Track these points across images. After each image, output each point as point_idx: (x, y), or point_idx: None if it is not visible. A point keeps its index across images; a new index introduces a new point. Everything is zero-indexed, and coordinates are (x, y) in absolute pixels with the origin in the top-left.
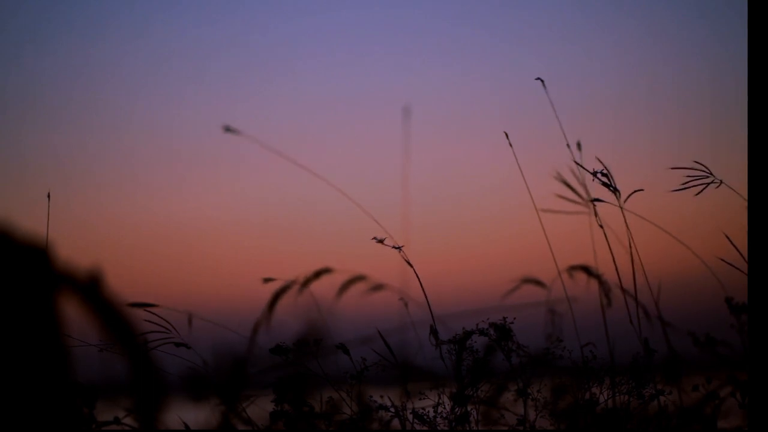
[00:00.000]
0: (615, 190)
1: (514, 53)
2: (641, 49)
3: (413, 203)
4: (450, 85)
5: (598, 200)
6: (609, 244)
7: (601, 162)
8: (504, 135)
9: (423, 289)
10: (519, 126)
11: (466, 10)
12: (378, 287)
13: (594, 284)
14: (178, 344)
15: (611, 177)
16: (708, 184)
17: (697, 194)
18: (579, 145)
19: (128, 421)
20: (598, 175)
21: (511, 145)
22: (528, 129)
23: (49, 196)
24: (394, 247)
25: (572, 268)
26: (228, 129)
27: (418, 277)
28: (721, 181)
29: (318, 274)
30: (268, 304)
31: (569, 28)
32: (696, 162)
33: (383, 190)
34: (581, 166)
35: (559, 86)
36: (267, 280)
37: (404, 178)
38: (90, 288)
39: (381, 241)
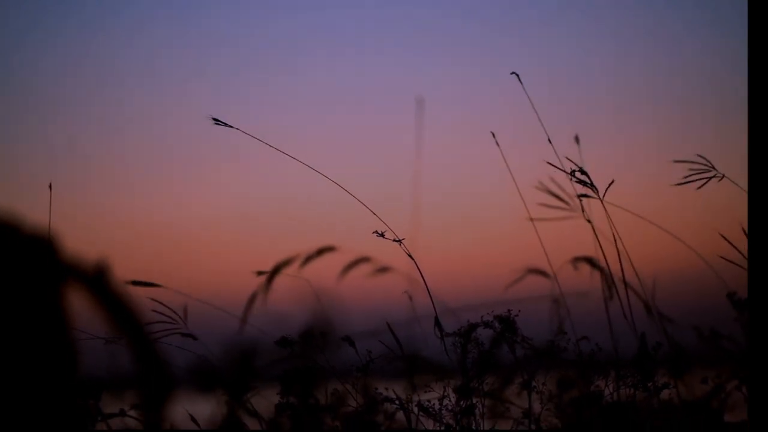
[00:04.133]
0: (592, 186)
1: (520, 49)
2: (644, 45)
3: (423, 196)
4: (458, 81)
5: (584, 195)
6: (598, 239)
7: (572, 161)
8: (492, 135)
9: (425, 282)
10: (524, 121)
11: (471, 6)
12: (383, 269)
13: (597, 277)
14: (184, 335)
15: (587, 174)
16: (710, 178)
17: (699, 188)
18: (577, 139)
19: (134, 413)
20: (576, 174)
21: (498, 145)
22: (534, 125)
23: (50, 187)
24: (394, 240)
25: (576, 260)
26: (216, 121)
27: (419, 269)
28: (723, 175)
29: (321, 251)
30: (267, 276)
31: (575, 25)
32: (699, 155)
33: (392, 183)
34: (553, 165)
35: (561, 81)
36: (260, 273)
37: (416, 169)
38: (97, 280)
39: (381, 235)
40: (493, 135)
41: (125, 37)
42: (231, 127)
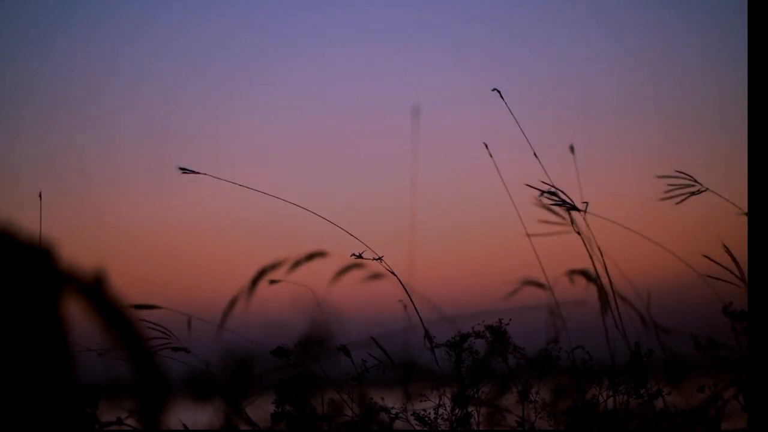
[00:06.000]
0: (565, 204)
1: (520, 55)
2: (644, 47)
3: (419, 205)
4: (455, 86)
5: (573, 209)
6: (588, 251)
7: (548, 183)
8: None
9: (409, 295)
10: (523, 128)
11: (472, 10)
12: (376, 276)
13: (592, 289)
14: (176, 348)
15: (561, 194)
16: (692, 193)
17: (678, 203)
18: (572, 149)
19: (131, 421)
20: (545, 196)
21: (491, 156)
22: (532, 132)
23: (40, 196)
24: (374, 259)
25: (572, 272)
26: (183, 170)
27: (402, 284)
28: (707, 189)
29: (311, 256)
30: (251, 280)
31: (577, 31)
32: (678, 171)
33: (389, 192)
34: (530, 186)
35: (561, 89)
36: (273, 282)
37: (413, 179)
38: (94, 289)
39: (360, 256)
40: (486, 146)
41: (120, 43)
42: (198, 173)
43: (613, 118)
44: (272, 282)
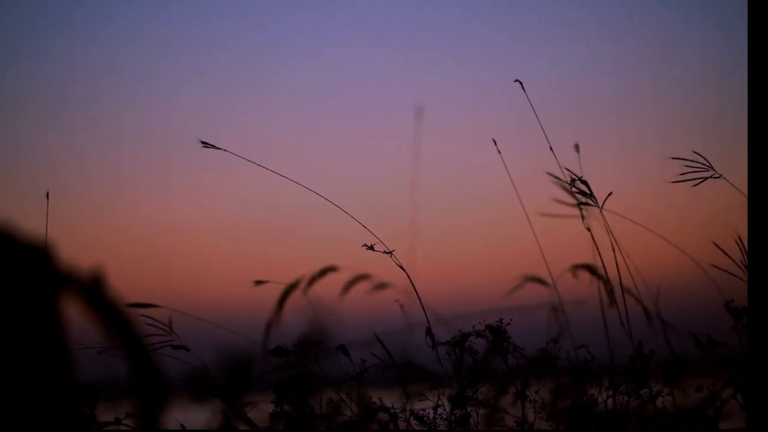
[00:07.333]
0: (591, 196)
1: (521, 54)
2: (644, 47)
3: (421, 204)
4: (457, 86)
5: (585, 204)
6: (597, 247)
7: (571, 172)
8: (493, 142)
9: (417, 292)
10: (522, 128)
11: (472, 10)
12: (382, 286)
13: (596, 285)
14: (176, 347)
15: (587, 184)
16: (707, 177)
17: (695, 185)
18: (577, 147)
19: (129, 421)
20: (576, 183)
21: (499, 152)
22: (530, 132)
23: (48, 196)
24: (384, 252)
25: (576, 267)
26: (205, 144)
27: (410, 280)
28: (721, 175)
29: (323, 272)
30: (277, 302)
31: (577, 31)
32: (695, 152)
33: (392, 191)
34: (553, 175)
35: (561, 87)
36: (258, 283)
37: (414, 179)
38: (93, 289)
39: (371, 248)
40: (495, 142)
41: (120, 43)
42: (219, 149)
43: (613, 118)
44: (258, 283)
